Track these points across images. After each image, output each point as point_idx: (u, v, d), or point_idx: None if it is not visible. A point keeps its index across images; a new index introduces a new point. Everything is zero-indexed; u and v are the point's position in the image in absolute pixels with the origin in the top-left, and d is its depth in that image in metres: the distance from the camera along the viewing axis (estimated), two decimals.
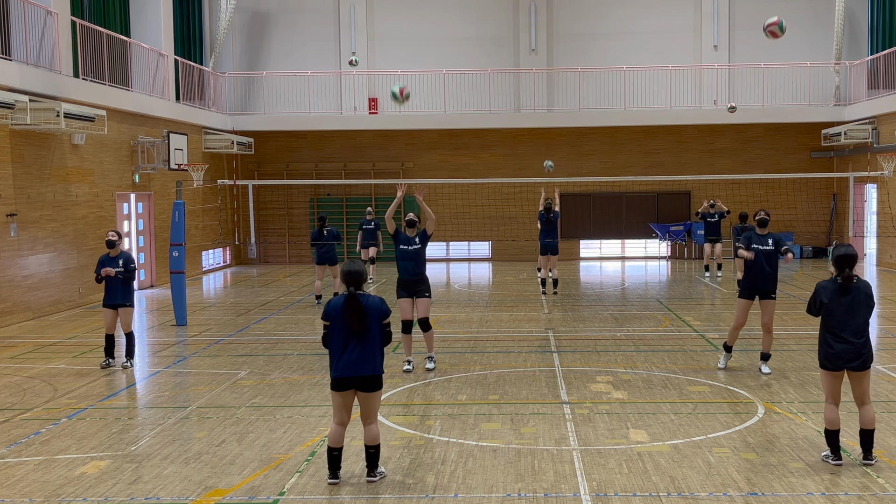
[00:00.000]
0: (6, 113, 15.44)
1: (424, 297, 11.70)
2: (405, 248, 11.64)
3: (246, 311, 18.02)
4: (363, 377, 7.25)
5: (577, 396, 10.26)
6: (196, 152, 24.81)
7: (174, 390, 10.97)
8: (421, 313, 11.71)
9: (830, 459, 7.71)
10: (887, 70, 24.91)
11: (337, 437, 7.33)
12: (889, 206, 24.14)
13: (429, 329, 11.81)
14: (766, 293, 11.17)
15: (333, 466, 7.35)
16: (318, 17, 29.04)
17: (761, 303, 11.22)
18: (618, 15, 28.78)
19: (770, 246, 11.11)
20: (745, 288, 11.26)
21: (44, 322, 16.73)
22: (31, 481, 7.52)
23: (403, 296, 11.72)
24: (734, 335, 11.53)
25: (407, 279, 11.68)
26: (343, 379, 7.26)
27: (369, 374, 7.26)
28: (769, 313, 11.24)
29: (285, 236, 29.35)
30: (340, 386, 7.28)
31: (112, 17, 22.09)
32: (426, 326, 11.77)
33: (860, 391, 7.73)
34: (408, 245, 11.65)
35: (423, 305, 11.72)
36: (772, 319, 11.29)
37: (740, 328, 11.44)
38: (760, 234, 11.21)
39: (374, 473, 7.40)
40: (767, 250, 11.10)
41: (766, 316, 11.25)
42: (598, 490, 7.14)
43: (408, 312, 11.73)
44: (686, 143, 28.96)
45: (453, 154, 29.11)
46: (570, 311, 17.36)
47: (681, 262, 28.16)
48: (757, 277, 11.13)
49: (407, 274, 11.66)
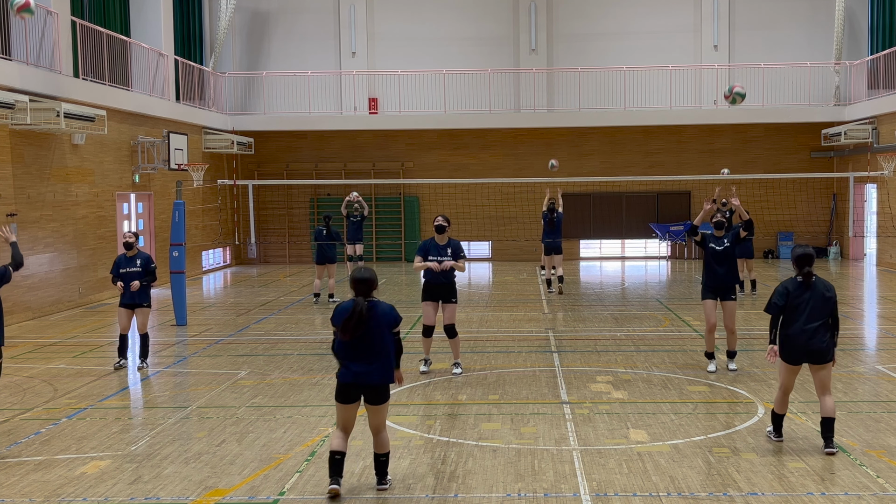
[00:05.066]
0: (6, 113, 15.44)
1: (452, 302, 11.39)
2: (435, 260, 11.26)
3: (246, 311, 18.02)
4: (370, 386, 6.98)
5: (577, 396, 10.26)
6: (196, 152, 24.81)
7: (174, 390, 10.97)
8: (447, 319, 11.42)
9: (772, 436, 8.33)
10: (887, 70, 24.91)
11: (340, 442, 7.06)
12: (889, 206, 24.14)
13: (455, 335, 11.48)
14: (724, 294, 11.27)
15: (334, 471, 7.02)
16: (318, 17, 29.05)
17: (722, 304, 11.33)
18: (618, 15, 28.79)
19: (726, 246, 11.24)
20: (704, 288, 11.40)
21: (44, 322, 16.73)
22: (31, 481, 7.52)
23: (429, 299, 11.42)
24: (709, 338, 11.50)
25: (435, 284, 11.34)
26: (349, 385, 6.98)
27: (377, 384, 6.99)
28: (730, 315, 11.32)
29: (285, 236, 29.35)
30: (346, 395, 7.01)
31: (112, 17, 22.09)
32: (452, 333, 11.45)
33: (820, 382, 8.09)
34: (438, 256, 11.26)
35: (450, 311, 11.40)
36: (733, 320, 11.37)
37: (713, 330, 11.44)
38: (717, 237, 11.33)
39: (385, 481, 7.17)
40: (719, 251, 11.23)
41: (727, 318, 11.34)
42: (598, 490, 7.14)
43: (431, 318, 11.42)
44: (686, 143, 28.96)
45: (453, 154, 29.11)
46: (570, 311, 17.36)
47: (681, 262, 28.16)
48: (710, 277, 11.28)
49: (436, 280, 11.32)
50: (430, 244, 11.40)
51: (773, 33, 28.42)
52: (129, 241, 12.28)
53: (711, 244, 11.30)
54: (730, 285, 11.32)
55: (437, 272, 11.27)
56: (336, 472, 7.01)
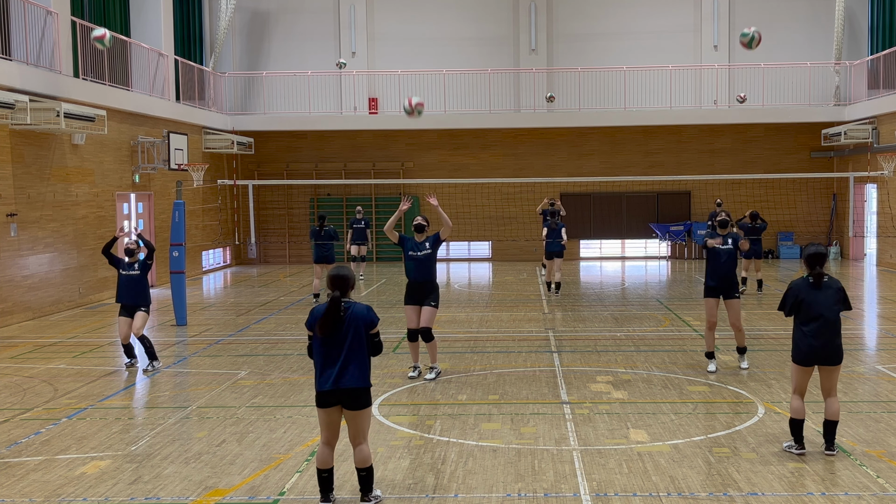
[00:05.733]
0: (6, 113, 15.44)
1: (430, 305, 11.19)
2: (414, 255, 11.15)
3: (246, 311, 18.02)
4: (347, 390, 6.64)
5: (577, 396, 10.26)
6: (196, 152, 24.81)
7: (174, 390, 10.97)
8: (423, 322, 11.18)
9: (794, 449, 7.98)
10: (887, 70, 24.91)
11: (325, 458, 6.77)
12: (889, 206, 24.14)
13: (431, 339, 11.15)
14: (727, 293, 11.33)
15: (324, 489, 6.76)
16: (318, 17, 29.05)
17: (726, 303, 11.38)
18: (618, 15, 28.79)
19: (728, 245, 11.31)
20: (706, 286, 11.47)
21: (44, 322, 16.73)
22: (31, 481, 7.52)
23: (410, 303, 11.30)
24: (709, 337, 11.54)
25: (414, 285, 11.25)
26: (326, 393, 6.68)
27: (354, 387, 6.65)
28: (734, 313, 11.39)
29: (285, 236, 29.35)
30: (324, 401, 6.71)
31: (112, 17, 22.09)
32: (428, 336, 11.12)
33: (828, 385, 7.99)
34: (416, 251, 11.16)
35: (427, 315, 11.17)
36: (738, 318, 11.43)
37: (712, 328, 11.49)
38: (721, 234, 11.40)
39: (368, 498, 6.82)
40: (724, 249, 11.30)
41: (732, 316, 11.40)
42: (598, 490, 7.14)
43: (413, 321, 11.24)
44: (686, 143, 28.96)
45: (453, 154, 29.11)
46: (570, 311, 17.36)
47: (681, 262, 28.16)
48: (712, 275, 11.35)
49: (415, 280, 11.24)
50: (410, 240, 11.35)
51: (773, 33, 28.38)
52: (132, 248, 12.22)
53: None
54: (732, 283, 11.37)
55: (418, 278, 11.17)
56: (326, 489, 6.79)
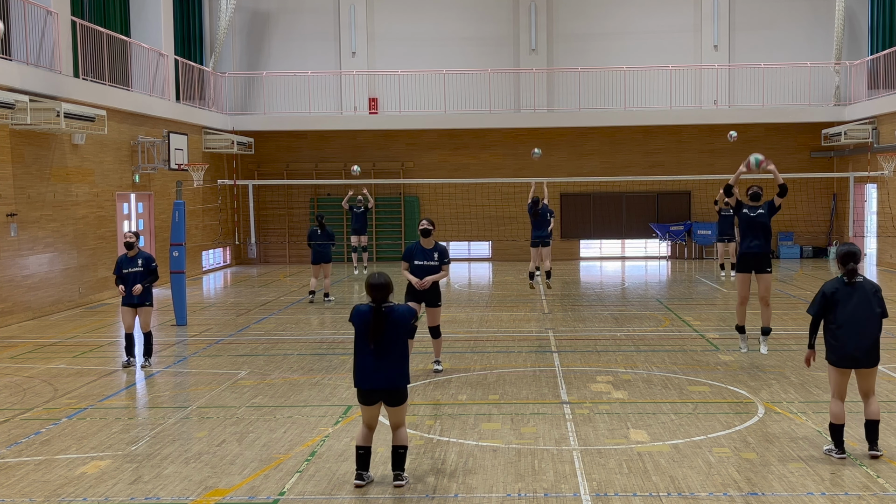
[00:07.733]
0: (6, 113, 15.44)
1: (437, 306, 11.48)
2: (421, 264, 11.25)
3: (246, 311, 18.02)
4: (389, 390, 7.16)
5: (577, 396, 10.26)
6: (196, 152, 24.81)
7: (174, 390, 10.97)
8: (432, 321, 11.53)
9: (834, 453, 7.80)
10: (887, 70, 24.91)
11: (364, 437, 7.28)
12: (889, 206, 24.14)
13: (439, 336, 11.63)
14: (759, 267, 11.70)
15: (361, 465, 7.26)
16: (318, 17, 29.04)
17: (757, 277, 11.77)
18: (618, 15, 28.78)
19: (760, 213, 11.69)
20: (739, 259, 11.86)
21: (44, 322, 16.73)
22: (31, 481, 7.52)
23: (412, 300, 11.38)
24: (741, 311, 12.09)
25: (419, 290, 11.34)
26: (369, 391, 7.18)
27: (395, 388, 7.17)
28: (765, 287, 11.80)
29: (285, 236, 29.35)
30: (367, 399, 7.21)
31: (112, 17, 22.08)
32: (436, 334, 11.58)
33: (866, 387, 7.82)
34: (424, 260, 11.25)
35: (435, 314, 11.49)
36: (769, 292, 11.81)
37: (745, 303, 12.00)
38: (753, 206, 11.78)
39: (402, 477, 7.24)
40: (753, 217, 11.66)
41: (761, 289, 11.82)
42: (598, 490, 7.14)
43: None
44: (686, 143, 28.95)
45: (453, 154, 29.10)
46: (570, 311, 17.36)
47: (681, 262, 28.16)
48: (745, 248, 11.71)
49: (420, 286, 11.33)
50: (415, 248, 11.34)
51: (773, 33, 28.42)
52: (130, 240, 12.30)
53: (745, 210, 11.73)
54: (765, 257, 11.66)
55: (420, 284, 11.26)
56: (361, 466, 7.26)
